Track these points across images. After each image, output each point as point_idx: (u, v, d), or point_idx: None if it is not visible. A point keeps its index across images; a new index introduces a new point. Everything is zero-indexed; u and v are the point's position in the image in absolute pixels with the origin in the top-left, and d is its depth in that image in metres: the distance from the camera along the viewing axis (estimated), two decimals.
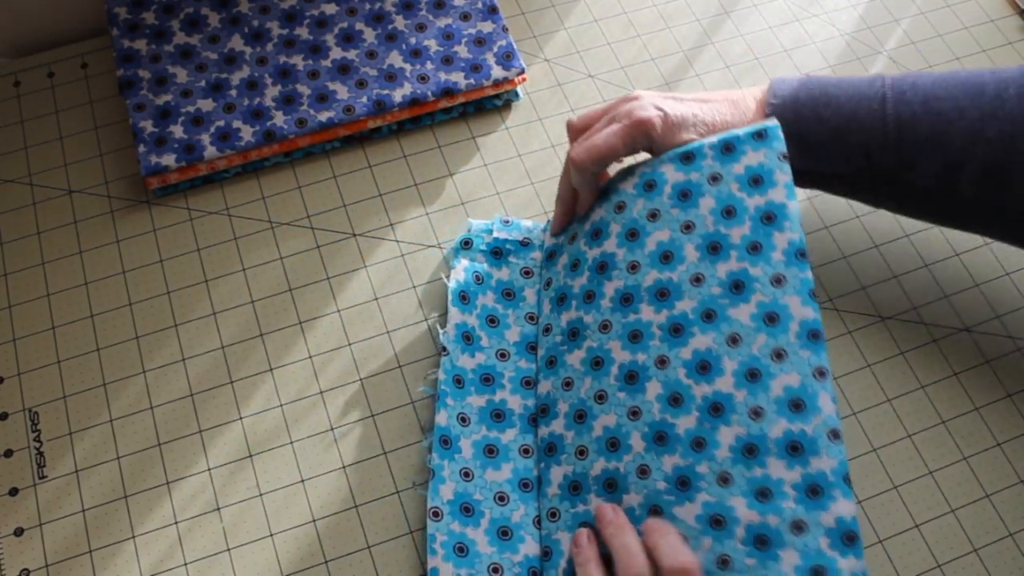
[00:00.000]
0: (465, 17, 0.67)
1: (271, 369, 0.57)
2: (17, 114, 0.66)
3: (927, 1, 0.74)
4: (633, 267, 0.52)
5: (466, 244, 0.59)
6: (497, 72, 0.64)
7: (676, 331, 0.50)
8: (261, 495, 0.54)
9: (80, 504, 0.53)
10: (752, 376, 0.47)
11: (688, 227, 0.51)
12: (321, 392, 0.57)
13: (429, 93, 0.63)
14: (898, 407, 0.57)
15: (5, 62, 0.68)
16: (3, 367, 0.57)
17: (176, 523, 0.53)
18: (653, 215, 0.53)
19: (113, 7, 0.66)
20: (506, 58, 0.64)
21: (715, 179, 0.51)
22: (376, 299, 0.60)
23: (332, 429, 0.56)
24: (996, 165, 0.49)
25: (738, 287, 0.49)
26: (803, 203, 0.64)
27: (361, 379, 0.57)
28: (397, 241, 0.62)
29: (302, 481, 0.54)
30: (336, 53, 0.65)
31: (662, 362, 0.49)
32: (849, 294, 0.61)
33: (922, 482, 0.55)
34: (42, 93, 0.66)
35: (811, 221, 0.64)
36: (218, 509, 0.53)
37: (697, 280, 0.50)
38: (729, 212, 0.51)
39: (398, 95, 0.63)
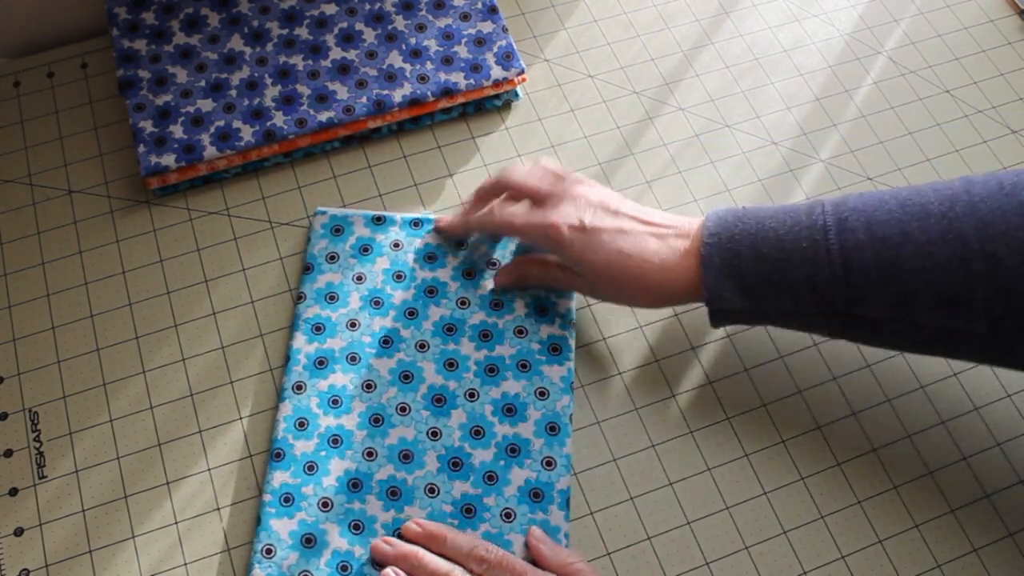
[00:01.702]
0: (465, 17, 0.66)
1: (271, 369, 0.57)
2: (17, 114, 0.66)
3: (927, 1, 0.74)
4: (463, 303, 0.58)
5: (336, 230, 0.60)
6: (497, 72, 0.64)
7: (491, 371, 0.56)
8: (261, 495, 0.54)
9: (80, 504, 0.53)
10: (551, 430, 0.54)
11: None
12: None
13: (429, 93, 0.63)
14: (898, 407, 0.57)
15: (5, 62, 0.68)
16: (3, 367, 0.57)
17: (176, 523, 0.53)
18: (492, 264, 0.59)
19: (113, 7, 0.66)
20: (506, 58, 0.64)
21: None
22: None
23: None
24: (951, 290, 0.45)
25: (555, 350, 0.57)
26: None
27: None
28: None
29: None
30: (336, 53, 0.65)
31: (471, 395, 0.55)
32: None
33: (922, 482, 0.55)
34: (42, 93, 0.66)
35: None
36: (218, 509, 0.53)
37: (520, 332, 0.57)
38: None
39: (398, 95, 0.63)
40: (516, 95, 0.67)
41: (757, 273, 0.49)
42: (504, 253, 0.59)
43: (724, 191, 0.64)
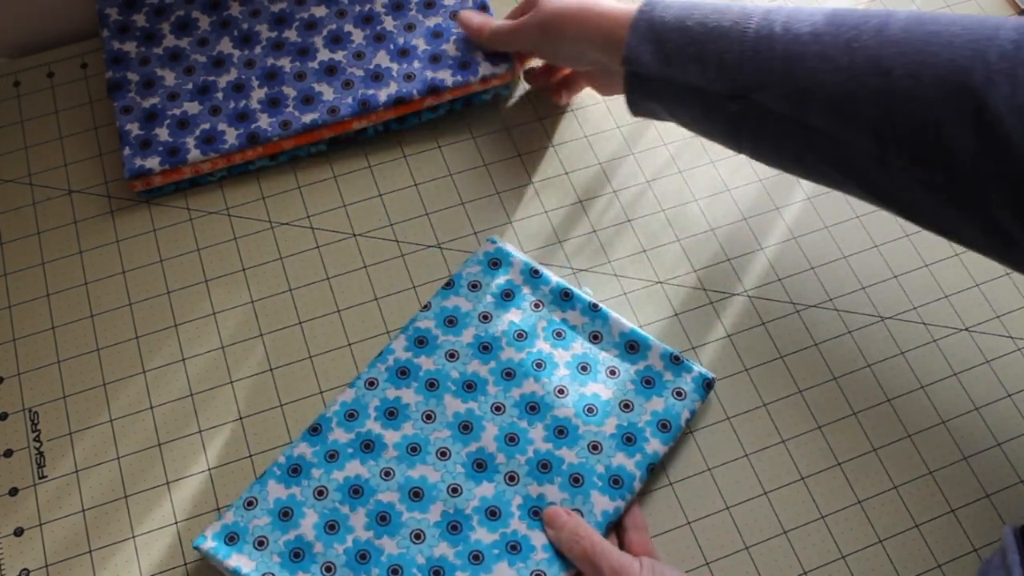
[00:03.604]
0: (455, 16, 0.66)
1: (271, 369, 0.57)
2: (17, 114, 0.66)
3: (927, 1, 0.74)
4: (560, 392, 0.55)
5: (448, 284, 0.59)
6: (485, 68, 0.63)
7: (532, 409, 0.55)
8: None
9: (80, 504, 0.53)
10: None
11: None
12: (321, 392, 0.57)
13: (415, 91, 0.62)
14: (898, 407, 0.57)
15: (5, 62, 0.68)
16: (3, 367, 0.57)
17: (176, 522, 0.53)
18: (613, 372, 0.57)
19: (104, 8, 0.66)
20: (496, 54, 0.63)
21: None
22: (376, 299, 0.60)
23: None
24: (843, 93, 0.47)
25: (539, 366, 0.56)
26: (803, 203, 0.64)
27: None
28: (397, 241, 0.62)
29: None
30: (324, 55, 0.64)
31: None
32: (849, 294, 0.61)
33: (922, 482, 0.55)
34: (42, 93, 0.66)
35: (811, 221, 0.64)
36: (218, 509, 0.53)
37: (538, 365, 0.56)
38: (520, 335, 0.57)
39: (383, 94, 0.62)
40: (506, 90, 0.66)
41: (676, 42, 0.52)
42: (627, 372, 0.56)
43: (724, 191, 0.64)
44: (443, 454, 0.53)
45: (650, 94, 0.54)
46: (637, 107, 0.57)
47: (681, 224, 0.63)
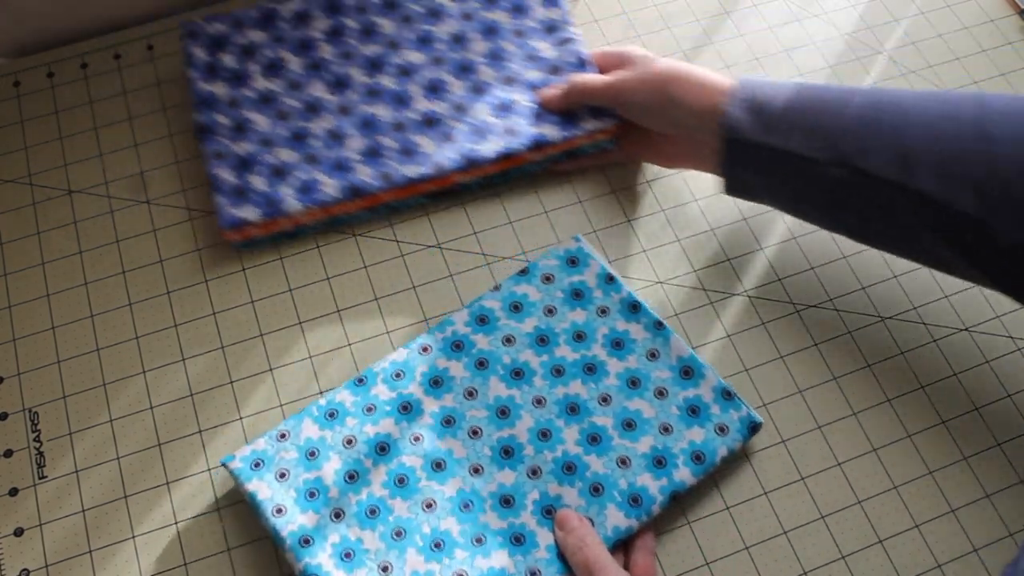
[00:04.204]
0: (555, 71, 0.63)
1: (271, 369, 0.57)
2: (17, 114, 0.66)
3: (927, 1, 0.74)
4: (604, 400, 0.55)
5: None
6: (589, 123, 0.61)
7: (574, 409, 0.54)
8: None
9: (80, 504, 0.53)
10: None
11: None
12: (320, 392, 0.57)
13: (520, 147, 0.60)
14: (898, 407, 0.57)
15: (5, 62, 0.68)
16: (3, 367, 0.57)
17: (176, 522, 0.53)
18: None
19: (191, 47, 0.63)
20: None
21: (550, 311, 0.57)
22: (376, 299, 0.60)
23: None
24: (949, 155, 0.48)
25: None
26: None
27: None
28: (397, 241, 0.62)
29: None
30: (422, 104, 0.62)
31: (539, 401, 0.54)
32: (849, 294, 0.61)
33: (922, 482, 0.55)
34: (42, 93, 0.66)
35: None
36: (218, 509, 0.53)
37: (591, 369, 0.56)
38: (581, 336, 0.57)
39: (488, 150, 0.60)
40: (611, 144, 0.63)
41: (778, 110, 0.52)
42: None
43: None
44: (474, 433, 0.53)
45: (747, 162, 0.53)
46: (731, 179, 0.56)
47: (681, 224, 0.63)
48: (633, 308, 0.57)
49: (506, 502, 0.52)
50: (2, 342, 0.58)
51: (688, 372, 0.55)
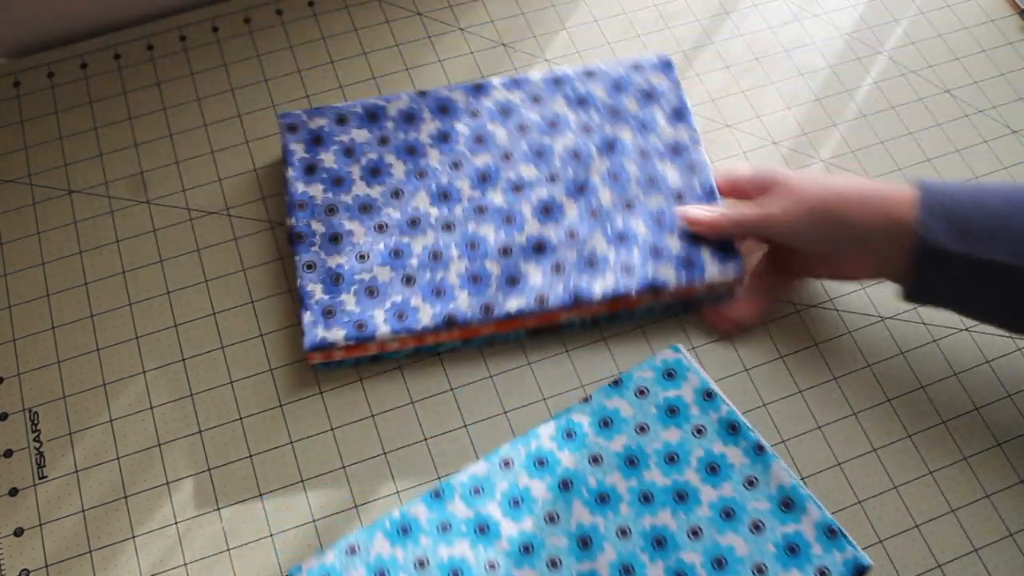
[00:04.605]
0: (679, 198, 0.59)
1: (271, 369, 0.57)
2: (17, 114, 0.66)
3: (927, 1, 0.74)
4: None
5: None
6: (712, 271, 0.56)
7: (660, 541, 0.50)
8: (261, 495, 0.54)
9: (80, 504, 0.53)
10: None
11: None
12: (321, 392, 0.57)
13: (633, 289, 0.55)
14: (898, 407, 0.57)
15: (5, 62, 0.68)
16: (3, 367, 0.57)
17: (176, 523, 0.53)
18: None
19: (290, 142, 0.60)
20: (724, 253, 0.55)
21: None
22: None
23: (332, 430, 0.56)
24: None
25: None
26: None
27: (361, 379, 0.57)
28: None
29: (302, 481, 0.54)
30: (532, 227, 0.57)
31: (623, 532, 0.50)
32: (849, 294, 0.61)
33: (922, 482, 0.55)
34: (42, 93, 0.66)
35: None
36: (218, 509, 0.53)
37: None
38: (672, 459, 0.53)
39: (598, 288, 0.55)
40: (728, 296, 0.59)
41: (974, 217, 0.48)
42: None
43: None
44: (553, 564, 0.49)
45: (940, 273, 0.49)
46: (919, 291, 0.52)
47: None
48: (732, 429, 0.52)
49: None
50: (2, 342, 0.58)
51: (788, 504, 0.50)
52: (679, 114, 0.62)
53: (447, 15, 0.71)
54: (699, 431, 0.53)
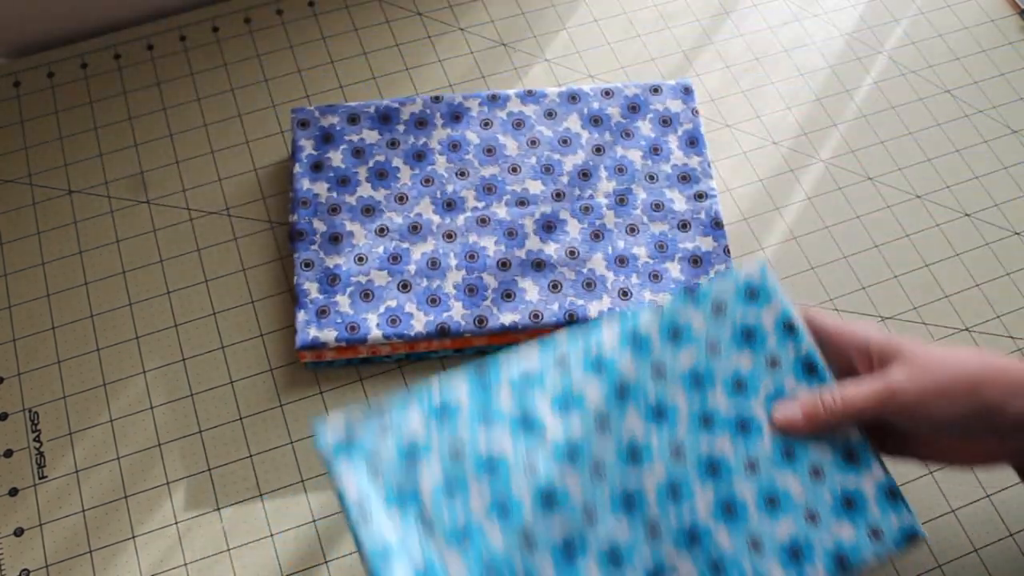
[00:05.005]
0: (684, 226, 0.58)
1: (271, 369, 0.57)
2: (17, 114, 0.66)
3: (927, 1, 0.74)
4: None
5: None
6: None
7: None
8: (261, 495, 0.54)
9: (80, 504, 0.53)
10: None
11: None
12: (321, 392, 0.57)
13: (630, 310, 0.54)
14: None
15: (5, 62, 0.68)
16: (3, 367, 0.57)
17: (176, 523, 0.53)
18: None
19: (300, 138, 0.60)
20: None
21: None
22: None
23: None
24: None
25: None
26: (803, 203, 0.64)
27: (361, 379, 0.57)
28: None
29: (302, 481, 0.54)
30: (533, 243, 0.57)
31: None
32: (849, 294, 0.61)
33: (922, 482, 0.55)
34: (42, 93, 0.66)
35: (812, 221, 0.64)
36: (218, 509, 0.53)
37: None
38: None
39: (593, 309, 0.55)
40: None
41: None
42: None
43: (725, 191, 0.64)
44: (598, 472, 0.46)
45: None
46: None
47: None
48: (810, 369, 0.48)
49: (614, 560, 0.45)
50: (2, 342, 0.58)
51: (852, 456, 0.47)
52: (693, 142, 0.62)
53: (447, 15, 0.71)
54: (774, 363, 0.48)
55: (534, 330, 0.56)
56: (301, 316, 0.55)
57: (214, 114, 0.66)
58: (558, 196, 0.59)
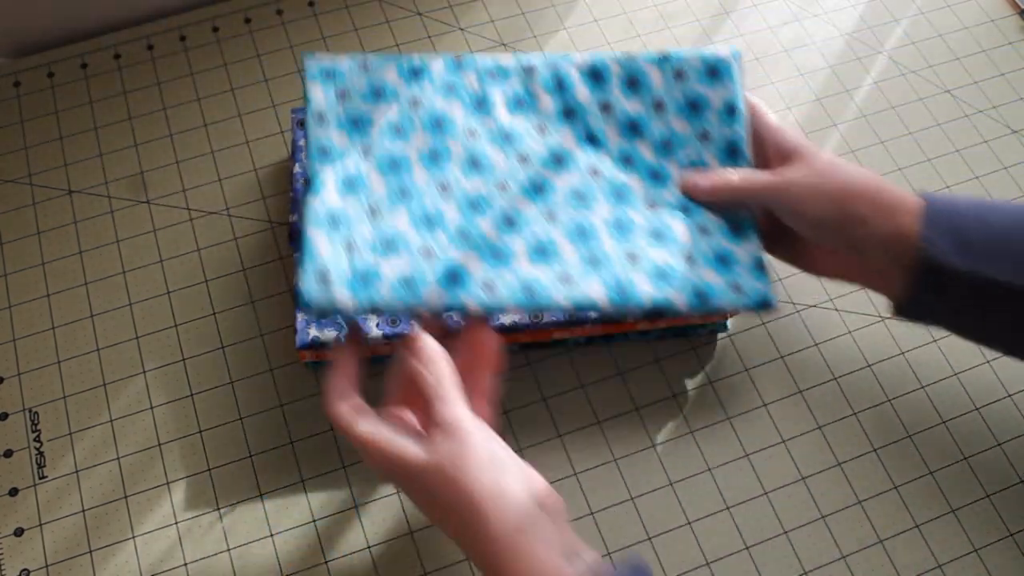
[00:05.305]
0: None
1: (271, 370, 0.57)
2: (17, 114, 0.66)
3: (927, 1, 0.74)
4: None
5: None
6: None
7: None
8: (261, 495, 0.54)
9: (80, 504, 0.53)
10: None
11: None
12: (321, 392, 0.57)
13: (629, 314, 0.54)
14: (898, 407, 0.57)
15: (5, 62, 0.68)
16: (3, 367, 0.57)
17: (176, 523, 0.53)
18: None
19: (300, 139, 0.60)
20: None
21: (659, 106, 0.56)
22: None
23: (332, 430, 0.56)
24: None
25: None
26: None
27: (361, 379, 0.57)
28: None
29: (302, 481, 0.54)
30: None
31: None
32: (849, 294, 0.61)
33: (922, 482, 0.55)
34: (42, 93, 0.66)
35: None
36: (218, 509, 0.53)
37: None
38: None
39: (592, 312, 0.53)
40: (724, 327, 0.59)
41: (980, 235, 0.46)
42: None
43: None
44: (523, 159, 0.53)
45: (941, 292, 0.47)
46: (915, 307, 0.49)
47: None
48: (733, 151, 0.54)
49: (509, 223, 0.51)
50: (2, 342, 0.58)
51: (739, 229, 0.53)
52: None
53: (447, 15, 0.71)
54: (705, 136, 0.55)
55: (535, 330, 0.56)
56: (301, 316, 0.55)
57: (214, 114, 0.66)
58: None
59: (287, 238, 0.60)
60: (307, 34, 0.69)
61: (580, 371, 0.58)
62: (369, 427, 0.44)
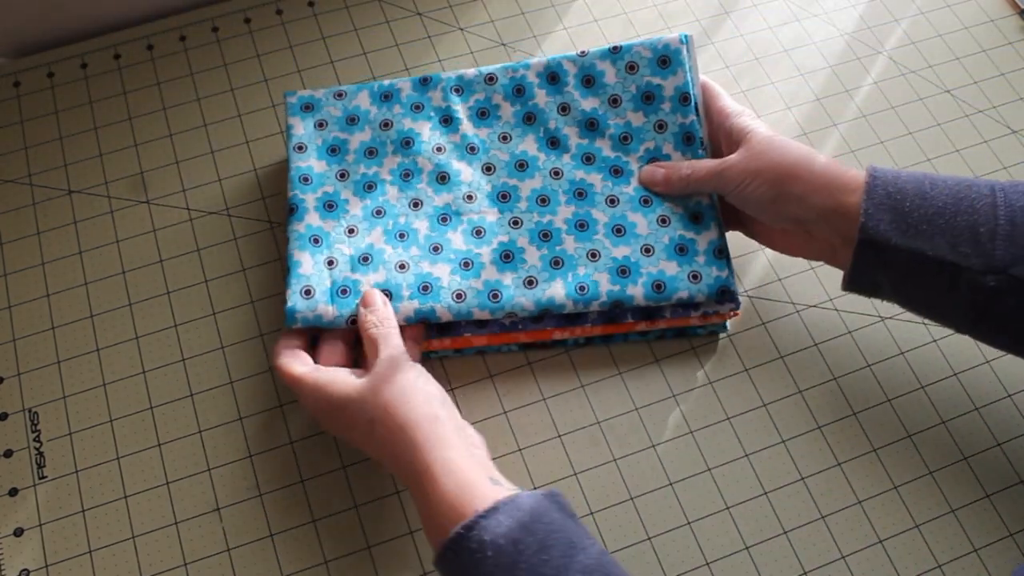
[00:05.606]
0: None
1: (271, 369, 0.57)
2: (17, 114, 0.66)
3: (927, 1, 0.74)
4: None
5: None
6: (708, 305, 0.56)
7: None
8: (261, 495, 0.54)
9: (80, 504, 0.53)
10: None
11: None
12: None
13: (628, 315, 0.55)
14: (898, 407, 0.57)
15: (5, 62, 0.68)
16: (3, 367, 0.57)
17: (176, 523, 0.53)
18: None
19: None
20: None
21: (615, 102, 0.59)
22: None
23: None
24: None
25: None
26: None
27: None
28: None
29: (302, 481, 0.54)
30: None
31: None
32: (849, 294, 0.61)
33: (922, 482, 0.55)
34: (42, 93, 0.66)
35: None
36: (218, 509, 0.53)
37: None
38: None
39: (595, 306, 0.54)
40: (724, 327, 0.59)
41: (919, 211, 0.48)
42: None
43: None
44: (488, 169, 0.58)
45: (882, 265, 0.49)
46: (859, 279, 0.51)
47: None
48: (689, 139, 0.57)
49: (477, 234, 0.55)
50: (2, 342, 0.58)
51: (698, 218, 0.56)
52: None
53: (447, 15, 0.71)
54: (661, 127, 0.58)
55: (535, 330, 0.56)
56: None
57: (214, 114, 0.66)
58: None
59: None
60: (307, 34, 0.70)
61: (580, 371, 0.58)
62: (306, 368, 0.51)
